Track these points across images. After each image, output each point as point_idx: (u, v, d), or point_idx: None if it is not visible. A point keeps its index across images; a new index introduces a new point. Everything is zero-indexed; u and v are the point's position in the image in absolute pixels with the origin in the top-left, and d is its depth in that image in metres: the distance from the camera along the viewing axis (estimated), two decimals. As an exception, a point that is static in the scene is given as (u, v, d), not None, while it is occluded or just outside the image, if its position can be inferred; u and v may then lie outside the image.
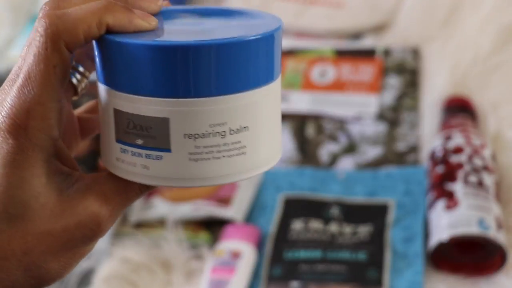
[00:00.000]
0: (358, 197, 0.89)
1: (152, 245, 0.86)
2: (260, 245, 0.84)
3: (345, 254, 0.81)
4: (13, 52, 1.17)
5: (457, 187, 0.82)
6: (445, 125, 0.93)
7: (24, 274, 0.38)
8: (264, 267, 0.82)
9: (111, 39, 0.38)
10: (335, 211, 0.87)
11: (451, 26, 1.10)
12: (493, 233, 0.77)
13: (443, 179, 0.84)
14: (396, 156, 0.96)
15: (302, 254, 0.82)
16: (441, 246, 0.79)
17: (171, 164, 0.39)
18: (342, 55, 1.11)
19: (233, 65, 0.38)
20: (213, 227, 0.87)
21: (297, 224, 0.86)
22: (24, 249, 0.37)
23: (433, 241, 0.80)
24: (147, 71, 0.38)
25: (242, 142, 0.39)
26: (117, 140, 0.40)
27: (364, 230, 0.84)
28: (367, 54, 1.10)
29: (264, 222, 0.87)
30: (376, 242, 0.83)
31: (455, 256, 0.80)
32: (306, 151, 0.98)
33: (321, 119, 1.02)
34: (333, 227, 0.85)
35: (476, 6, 1.09)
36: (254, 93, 0.39)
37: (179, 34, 0.41)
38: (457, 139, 0.87)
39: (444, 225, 0.79)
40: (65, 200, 0.38)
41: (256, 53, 0.39)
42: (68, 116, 0.44)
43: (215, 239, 0.86)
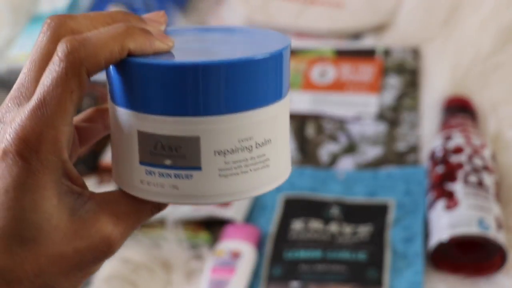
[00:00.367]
0: (358, 197, 0.89)
1: (152, 245, 0.86)
2: (260, 245, 0.84)
3: (345, 254, 0.81)
4: (13, 52, 1.17)
5: (457, 187, 0.82)
6: (445, 125, 0.93)
7: None
8: (264, 267, 0.82)
9: (135, 62, 0.38)
10: (335, 211, 0.87)
11: (451, 26, 1.10)
12: (493, 233, 0.77)
13: (443, 179, 0.84)
14: (396, 156, 0.95)
15: (302, 254, 0.82)
16: (441, 246, 0.79)
17: (202, 182, 0.39)
18: (342, 55, 1.11)
19: (259, 81, 0.39)
20: (213, 227, 0.87)
21: (297, 224, 0.86)
22: (37, 271, 0.37)
23: (433, 241, 0.80)
24: (177, 91, 0.38)
25: (266, 155, 0.40)
26: (141, 163, 0.40)
27: (364, 230, 0.84)
28: (367, 54, 1.10)
29: (264, 222, 0.87)
30: (376, 242, 0.83)
31: (455, 256, 0.80)
32: (306, 151, 0.98)
33: (321, 119, 1.02)
34: (333, 227, 0.85)
35: (476, 6, 1.09)
36: (276, 107, 0.40)
37: (200, 52, 0.41)
38: (457, 139, 0.87)
39: (444, 225, 0.79)
40: (77, 221, 0.38)
41: (280, 67, 0.40)
42: None
43: (215, 239, 0.86)
